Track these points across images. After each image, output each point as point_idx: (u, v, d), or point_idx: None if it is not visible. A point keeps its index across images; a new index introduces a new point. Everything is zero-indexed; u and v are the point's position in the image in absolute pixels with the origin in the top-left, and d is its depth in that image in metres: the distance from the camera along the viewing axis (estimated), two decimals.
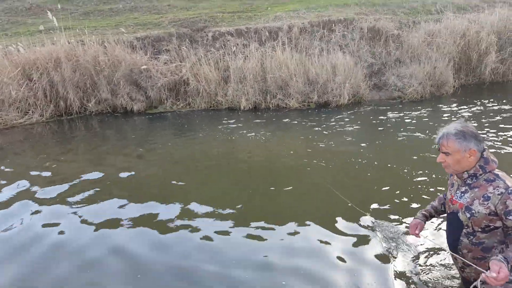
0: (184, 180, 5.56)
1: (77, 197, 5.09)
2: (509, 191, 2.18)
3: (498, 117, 7.87)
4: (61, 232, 4.22)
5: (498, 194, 2.21)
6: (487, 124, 7.40)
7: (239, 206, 4.60)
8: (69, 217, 4.55)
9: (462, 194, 2.40)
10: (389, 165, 5.63)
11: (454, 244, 2.49)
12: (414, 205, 4.37)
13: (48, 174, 6.02)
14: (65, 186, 5.46)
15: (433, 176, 5.11)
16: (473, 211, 2.30)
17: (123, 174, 5.84)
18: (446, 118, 8.07)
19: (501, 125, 7.27)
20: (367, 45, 11.10)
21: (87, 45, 10.36)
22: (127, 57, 10.25)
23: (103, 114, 10.04)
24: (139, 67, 10.19)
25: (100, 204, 4.87)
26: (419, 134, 7.09)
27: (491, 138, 6.55)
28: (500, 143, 6.25)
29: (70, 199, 5.04)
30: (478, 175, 2.33)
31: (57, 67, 9.84)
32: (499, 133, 6.79)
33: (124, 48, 10.50)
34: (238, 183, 5.45)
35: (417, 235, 2.66)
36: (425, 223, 2.73)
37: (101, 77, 10.01)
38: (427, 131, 7.18)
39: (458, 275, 3.00)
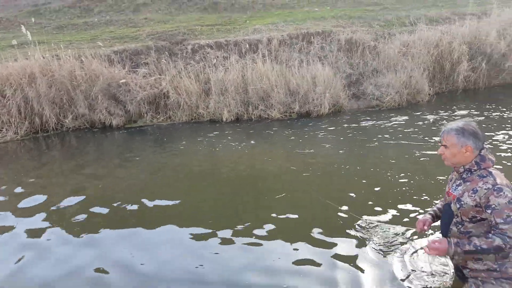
0: (166, 192, 5.48)
1: (54, 215, 4.92)
2: (495, 188, 2.36)
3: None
4: (37, 250, 4.07)
5: (485, 189, 2.40)
6: None
7: (224, 217, 4.55)
8: (46, 235, 4.40)
9: (457, 187, 2.59)
10: (371, 169, 5.80)
11: (444, 232, 2.69)
12: (401, 206, 4.48)
13: (22, 191, 5.80)
14: (41, 204, 5.29)
15: (416, 177, 5.30)
16: (462, 202, 2.50)
17: (102, 190, 5.70)
18: (422, 124, 8.32)
19: None
20: (345, 56, 11.30)
21: (62, 60, 10.12)
22: (104, 71, 10.07)
23: (81, 130, 9.78)
24: (117, 81, 10.02)
25: (78, 222, 4.70)
26: (397, 140, 7.28)
27: None
28: None
29: (46, 216, 4.89)
30: (473, 170, 2.51)
31: (32, 82, 9.54)
32: None
33: (101, 62, 10.32)
34: (222, 194, 5.37)
35: (424, 230, 2.79)
36: (432, 221, 2.85)
37: (78, 92, 9.77)
38: (405, 137, 7.40)
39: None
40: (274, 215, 4.50)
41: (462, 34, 11.89)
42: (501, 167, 5.26)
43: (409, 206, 4.47)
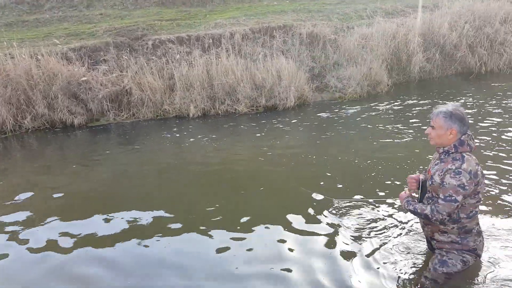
0: (131, 191, 5.44)
1: (11, 220, 4.75)
2: (456, 171, 2.56)
3: (425, 109, 8.73)
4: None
5: (448, 169, 2.59)
6: (415, 114, 8.30)
7: (197, 212, 4.56)
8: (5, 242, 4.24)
9: (434, 166, 2.77)
10: (339, 158, 6.08)
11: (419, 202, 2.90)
12: (368, 188, 4.79)
13: None
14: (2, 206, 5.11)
15: (379, 162, 5.63)
16: (433, 180, 2.71)
17: (64, 191, 5.55)
18: (381, 113, 8.75)
19: (423, 115, 8.20)
20: (307, 49, 11.49)
21: (17, 59, 9.66)
22: (63, 69, 9.70)
23: (41, 131, 9.38)
24: (77, 79, 9.69)
25: (40, 226, 4.55)
26: (360, 129, 7.67)
27: (414, 126, 7.35)
28: (422, 131, 6.88)
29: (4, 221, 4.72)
30: (450, 152, 2.68)
31: None
32: (421, 123, 7.57)
33: (58, 60, 9.93)
34: (192, 189, 5.37)
35: (411, 180, 2.97)
36: (419, 185, 2.96)
37: (36, 92, 9.36)
38: (366, 126, 7.83)
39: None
40: (249, 206, 4.60)
41: (417, 26, 12.40)
42: None
43: (375, 187, 4.82)
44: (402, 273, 3.17)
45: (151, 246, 3.95)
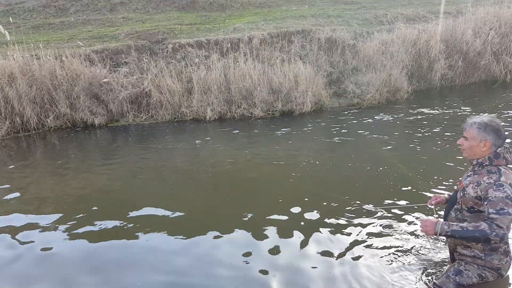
0: (148, 192, 5.51)
1: (39, 215, 4.90)
2: (497, 184, 2.45)
3: (446, 118, 8.56)
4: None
5: (487, 183, 2.49)
6: (436, 124, 8.11)
7: (209, 216, 4.60)
8: (33, 236, 4.37)
9: (467, 177, 2.70)
10: (358, 164, 5.99)
11: (445, 214, 2.86)
12: (390, 195, 4.71)
13: (4, 190, 5.76)
14: (24, 204, 5.26)
15: (399, 171, 5.51)
16: (465, 192, 2.62)
17: (85, 189, 5.69)
18: (400, 121, 8.62)
19: (444, 124, 8.04)
20: (325, 55, 11.47)
21: (42, 60, 9.99)
22: (85, 70, 9.98)
23: (63, 130, 9.66)
24: (98, 80, 9.95)
25: (63, 220, 4.69)
26: (378, 136, 7.54)
27: (433, 136, 7.24)
28: (442, 140, 6.90)
29: (32, 216, 4.87)
30: (484, 165, 2.58)
31: (12, 82, 9.40)
32: (442, 132, 7.48)
33: (81, 62, 10.22)
34: (207, 193, 5.42)
35: (432, 204, 3.04)
36: (446, 201, 3.00)
37: (59, 92, 9.66)
38: (384, 132, 7.74)
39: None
40: (268, 211, 4.57)
41: (439, 32, 12.21)
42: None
43: (396, 194, 4.75)
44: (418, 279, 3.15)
45: (172, 245, 4.03)
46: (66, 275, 3.59)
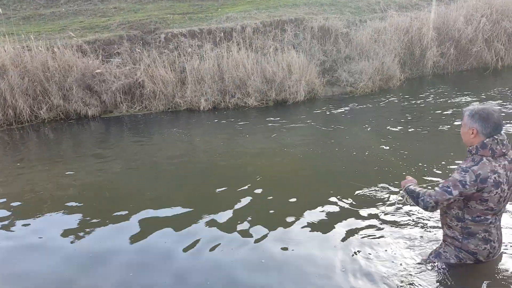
0: (143, 184, 5.52)
1: (32, 207, 4.90)
2: (463, 168, 2.53)
3: (437, 104, 8.63)
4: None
5: (459, 166, 2.59)
6: (429, 111, 8.15)
7: (211, 207, 4.58)
8: (26, 230, 4.37)
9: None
10: (354, 153, 6.03)
11: None
12: (381, 178, 4.69)
13: None
14: (19, 196, 5.26)
15: (389, 156, 5.56)
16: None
17: (79, 181, 5.70)
18: (394, 108, 8.68)
19: (437, 112, 8.06)
20: (318, 43, 11.47)
21: (34, 51, 9.91)
22: (78, 61, 9.94)
23: (56, 121, 9.65)
24: (91, 71, 9.90)
25: (57, 214, 4.68)
26: (371, 124, 7.59)
27: (428, 125, 7.23)
28: (434, 128, 6.94)
29: (24, 208, 4.88)
30: (472, 152, 2.61)
31: (3, 74, 9.35)
32: (435, 119, 7.53)
33: (74, 53, 10.16)
34: (203, 183, 5.42)
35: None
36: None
37: (52, 83, 9.62)
38: (377, 120, 7.79)
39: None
40: (263, 201, 4.61)
41: (431, 19, 12.24)
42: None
43: (387, 178, 4.80)
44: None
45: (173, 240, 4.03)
46: (59, 270, 3.60)
